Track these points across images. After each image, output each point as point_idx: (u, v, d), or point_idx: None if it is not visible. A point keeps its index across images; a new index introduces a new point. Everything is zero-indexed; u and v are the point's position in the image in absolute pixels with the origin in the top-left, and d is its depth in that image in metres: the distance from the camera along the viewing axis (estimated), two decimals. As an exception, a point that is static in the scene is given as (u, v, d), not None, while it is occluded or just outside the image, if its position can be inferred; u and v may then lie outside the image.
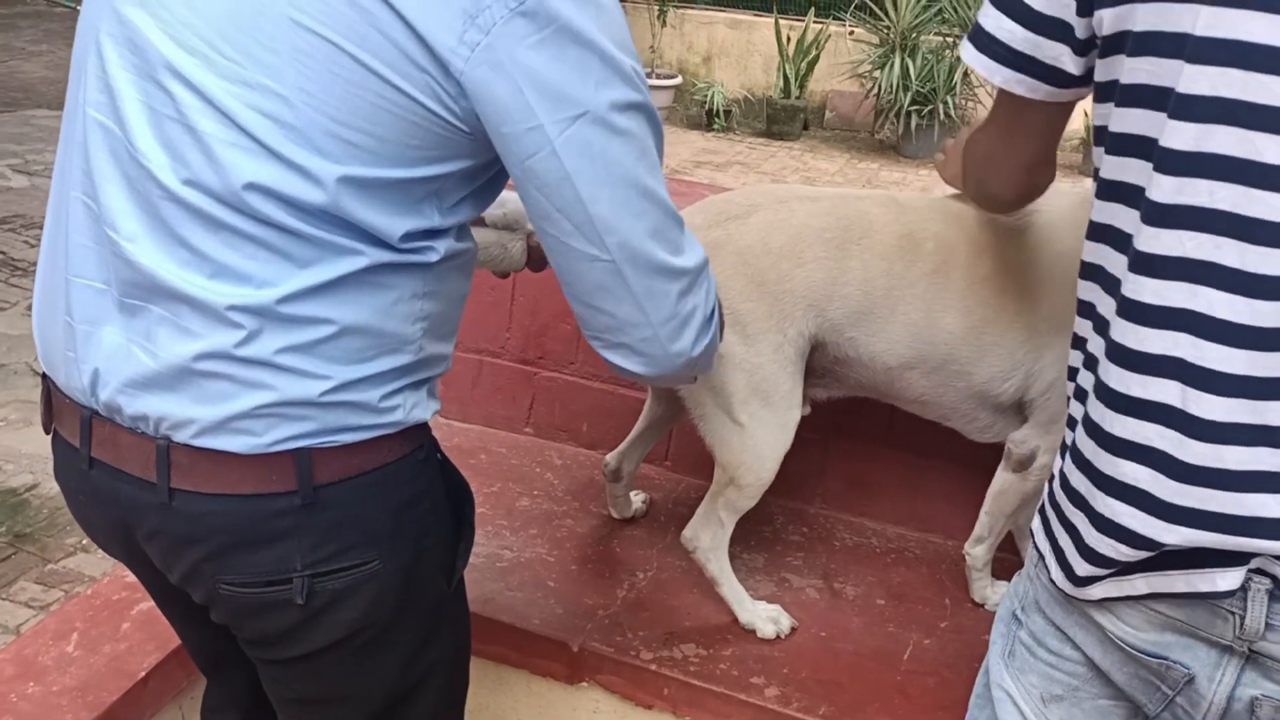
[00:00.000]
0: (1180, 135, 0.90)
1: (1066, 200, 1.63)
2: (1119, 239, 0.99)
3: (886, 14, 8.83)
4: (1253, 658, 0.98)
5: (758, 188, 1.78)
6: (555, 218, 1.02)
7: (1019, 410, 1.76)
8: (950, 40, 8.84)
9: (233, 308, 0.99)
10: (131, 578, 1.81)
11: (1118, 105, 0.98)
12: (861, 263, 1.66)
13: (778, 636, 1.84)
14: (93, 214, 1.05)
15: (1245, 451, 0.92)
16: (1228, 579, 0.96)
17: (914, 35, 8.79)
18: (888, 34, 8.91)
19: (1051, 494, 1.12)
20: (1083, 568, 1.04)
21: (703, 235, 1.70)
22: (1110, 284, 1.01)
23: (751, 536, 2.10)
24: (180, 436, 1.04)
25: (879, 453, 2.19)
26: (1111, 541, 1.00)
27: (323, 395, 1.02)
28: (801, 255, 1.66)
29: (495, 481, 2.27)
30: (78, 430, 1.10)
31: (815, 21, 9.46)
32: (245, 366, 1.01)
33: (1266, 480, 0.92)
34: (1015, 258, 1.64)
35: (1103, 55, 1.01)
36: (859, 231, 1.67)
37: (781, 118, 9.28)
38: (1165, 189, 0.92)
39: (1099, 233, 1.04)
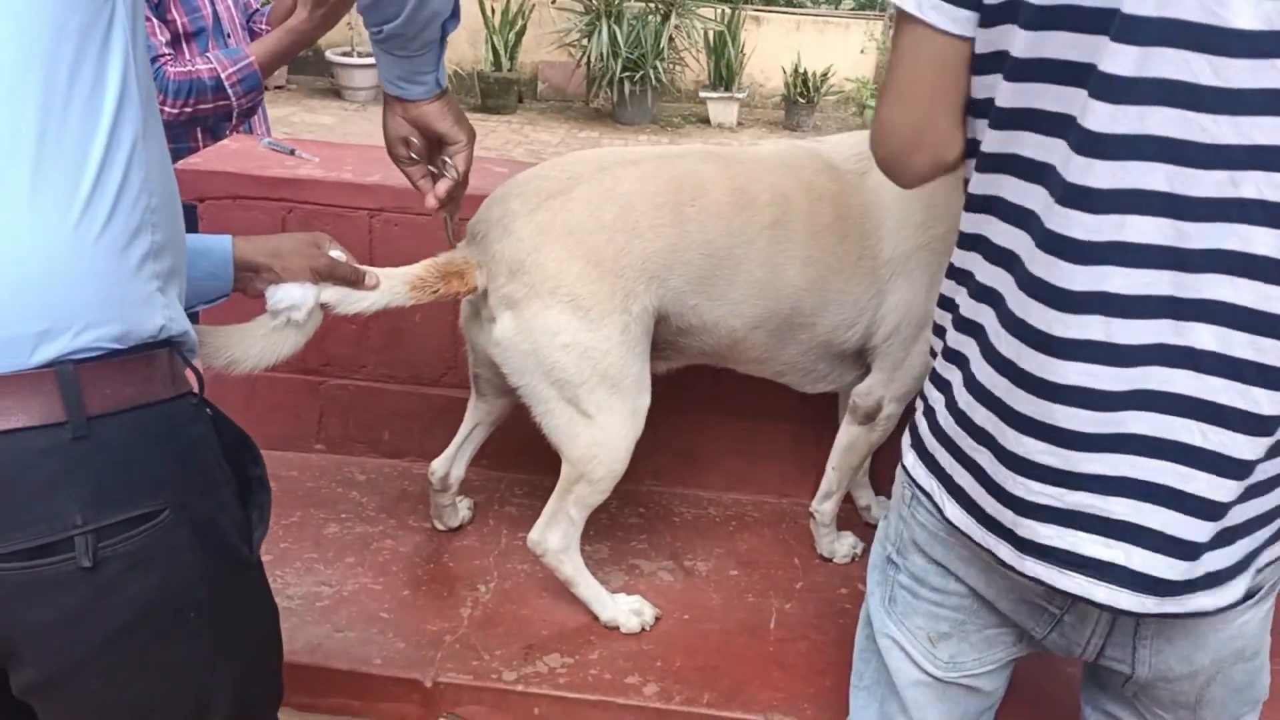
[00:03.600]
0: (1122, 59, 0.86)
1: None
2: (1034, 170, 0.95)
3: (589, -18, 8.83)
4: None
5: (571, 156, 1.64)
6: None
7: (858, 358, 1.75)
8: (653, 6, 8.98)
9: None
10: None
11: (1037, 29, 0.92)
12: (699, 224, 1.56)
13: (643, 629, 1.74)
14: None
15: (1168, 373, 0.91)
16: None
17: (618, 2, 8.85)
18: (591, 2, 8.92)
19: (939, 429, 1.08)
20: (991, 505, 1.01)
21: (526, 221, 1.55)
22: (1022, 217, 0.96)
23: (590, 526, 1.95)
24: None
25: (705, 421, 2.13)
26: (1023, 480, 0.97)
27: (75, 234, 0.88)
28: (636, 225, 1.54)
29: (293, 510, 2.00)
30: None
31: (517, -9, 9.31)
32: None
33: (1190, 406, 0.91)
34: (856, 203, 1.61)
35: None
36: (691, 192, 1.58)
37: (495, 91, 9.09)
38: (1102, 117, 0.88)
39: (1003, 164, 0.99)
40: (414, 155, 1.42)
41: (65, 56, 0.89)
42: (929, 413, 1.11)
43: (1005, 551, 1.00)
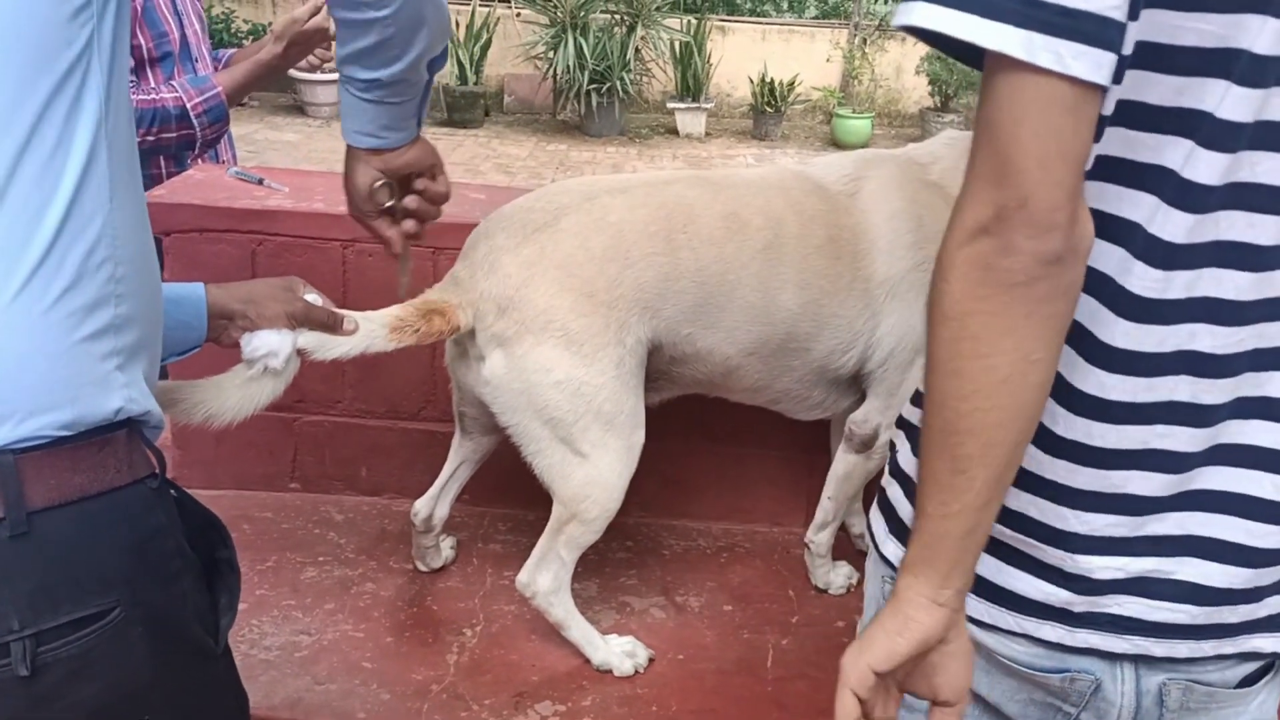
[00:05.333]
0: (1242, 106, 0.78)
1: (894, 163, 1.57)
2: (1116, 230, 0.85)
3: (552, -6, 8.80)
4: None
5: (556, 186, 1.59)
6: None
7: (853, 384, 1.70)
8: (619, 18, 8.96)
9: None
10: None
11: (1161, 71, 0.81)
12: (692, 251, 1.52)
13: (636, 671, 1.68)
14: None
15: (1240, 424, 0.86)
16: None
17: (583, 14, 8.82)
18: (556, 14, 8.88)
19: None
20: (1039, 589, 0.93)
21: (513, 256, 1.49)
22: (1093, 281, 0.85)
23: (577, 562, 1.91)
24: None
25: (692, 449, 2.07)
26: (1084, 558, 0.90)
27: (17, 310, 0.81)
28: (628, 255, 1.49)
29: (268, 554, 1.92)
30: None
31: (481, 4, 9.25)
32: None
33: (1261, 457, 0.87)
34: (847, 223, 1.57)
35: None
36: (682, 219, 1.53)
37: (461, 105, 9.02)
38: (1203, 172, 0.80)
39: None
40: (386, 204, 1.30)
41: (26, 121, 0.82)
42: (914, 494, 0.98)
43: (1050, 631, 0.93)
